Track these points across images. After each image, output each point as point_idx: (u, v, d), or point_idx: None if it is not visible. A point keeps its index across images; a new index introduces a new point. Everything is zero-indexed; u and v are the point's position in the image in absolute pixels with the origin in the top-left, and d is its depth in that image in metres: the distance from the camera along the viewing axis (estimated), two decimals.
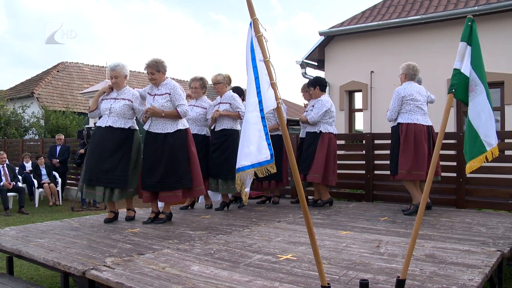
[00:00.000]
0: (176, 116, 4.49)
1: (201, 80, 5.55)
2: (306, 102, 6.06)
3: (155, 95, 4.54)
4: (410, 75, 5.08)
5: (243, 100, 5.75)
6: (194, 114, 5.38)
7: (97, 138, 4.55)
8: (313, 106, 5.60)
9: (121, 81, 4.62)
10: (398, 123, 5.00)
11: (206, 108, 5.49)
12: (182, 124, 4.59)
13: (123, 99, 4.58)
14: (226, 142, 5.32)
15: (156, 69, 4.50)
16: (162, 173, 4.39)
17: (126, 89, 4.67)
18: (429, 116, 5.11)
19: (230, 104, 5.36)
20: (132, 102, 4.59)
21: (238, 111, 5.32)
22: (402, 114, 4.99)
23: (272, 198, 6.20)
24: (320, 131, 5.50)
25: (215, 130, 5.43)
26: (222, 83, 5.43)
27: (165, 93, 4.50)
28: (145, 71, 4.63)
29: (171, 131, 4.47)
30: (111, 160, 4.43)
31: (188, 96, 5.51)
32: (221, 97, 5.46)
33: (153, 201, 4.59)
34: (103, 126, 4.51)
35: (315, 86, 5.65)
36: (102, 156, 4.43)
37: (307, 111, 5.73)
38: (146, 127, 4.58)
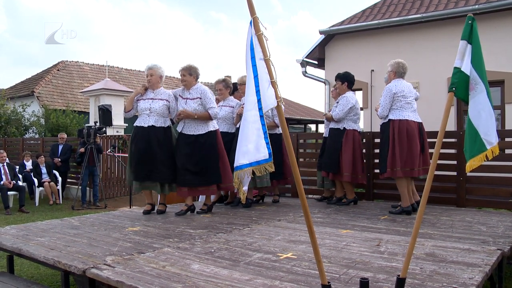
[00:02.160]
0: (207, 117, 4.83)
1: (224, 81, 5.84)
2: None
3: (187, 98, 4.87)
4: (400, 72, 5.06)
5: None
6: (223, 114, 5.65)
7: (141, 137, 4.80)
8: (337, 102, 5.57)
9: (157, 81, 4.89)
10: (389, 120, 4.94)
11: (233, 107, 5.68)
12: (213, 126, 4.96)
13: (161, 99, 4.87)
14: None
15: (188, 72, 4.85)
16: (196, 170, 4.77)
17: (161, 89, 4.96)
18: (429, 115, 5.11)
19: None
20: (169, 102, 4.91)
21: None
22: (393, 111, 4.95)
23: (273, 197, 6.18)
24: (344, 128, 5.47)
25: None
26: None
27: (197, 98, 4.83)
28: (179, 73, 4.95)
29: (202, 133, 4.84)
30: (160, 157, 4.77)
31: (216, 100, 5.60)
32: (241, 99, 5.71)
33: (188, 195, 4.95)
34: (146, 126, 4.79)
35: (344, 81, 5.59)
36: (151, 153, 4.75)
37: (329, 110, 5.74)
38: (179, 128, 4.93)
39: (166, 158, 4.84)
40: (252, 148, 2.25)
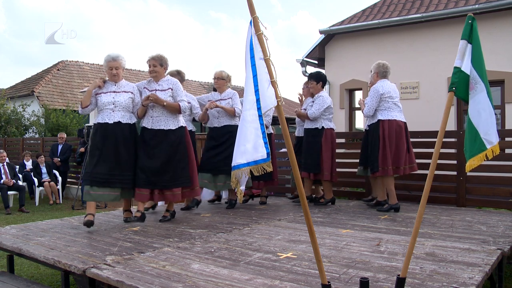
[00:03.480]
0: (177, 109, 4.39)
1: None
2: (299, 97, 6.03)
3: (155, 90, 4.41)
4: (382, 72, 5.23)
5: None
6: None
7: (105, 135, 4.22)
8: (313, 101, 5.59)
9: (121, 73, 4.38)
10: (379, 120, 5.06)
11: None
12: (182, 121, 4.53)
13: (125, 91, 4.35)
14: (232, 138, 5.19)
15: (159, 63, 4.43)
16: (164, 170, 4.30)
17: (123, 81, 4.44)
18: (430, 114, 5.13)
19: (231, 99, 5.40)
20: (134, 94, 4.40)
21: (235, 108, 5.32)
22: (382, 111, 5.07)
23: (260, 198, 6.07)
24: (322, 127, 5.49)
25: (217, 126, 5.40)
26: (225, 80, 5.48)
27: (168, 88, 4.42)
28: (148, 63, 4.48)
29: (173, 128, 4.40)
30: (124, 158, 4.25)
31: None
32: (220, 93, 5.48)
33: (150, 200, 4.47)
34: (111, 122, 4.24)
35: (319, 81, 5.63)
36: (116, 154, 4.22)
37: (304, 109, 5.70)
38: (145, 123, 4.42)
39: (130, 160, 4.30)
40: (250, 148, 2.25)
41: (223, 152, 5.22)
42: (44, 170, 9.96)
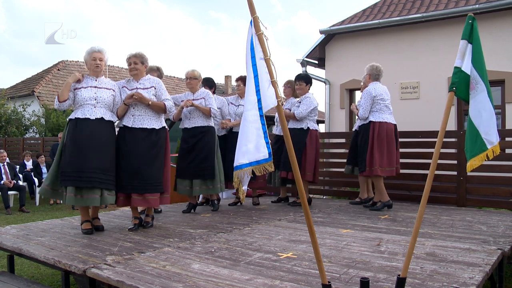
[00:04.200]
0: (162, 109, 4.18)
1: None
2: (284, 97, 5.98)
3: (136, 89, 4.16)
4: (374, 75, 5.37)
5: (214, 92, 5.74)
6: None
7: (87, 132, 3.85)
8: (299, 102, 5.60)
9: (103, 66, 4.10)
10: (370, 122, 5.20)
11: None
12: (164, 122, 4.31)
13: (107, 88, 4.06)
14: (203, 140, 5.10)
15: (140, 60, 4.20)
16: (147, 174, 4.01)
17: (104, 78, 4.15)
18: (430, 114, 5.15)
19: (204, 99, 5.18)
20: (115, 92, 4.12)
21: (210, 108, 5.11)
22: (373, 113, 5.22)
23: (252, 199, 5.98)
24: (308, 127, 5.50)
25: (187, 127, 5.18)
26: (198, 79, 5.30)
27: (150, 87, 4.19)
28: (128, 61, 4.24)
29: (157, 128, 4.16)
30: (106, 158, 3.92)
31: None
32: (193, 93, 5.27)
33: (135, 205, 4.13)
34: (93, 118, 3.89)
35: (308, 83, 5.64)
36: (99, 153, 3.86)
37: (288, 108, 5.64)
38: (125, 122, 4.13)
39: (111, 160, 3.98)
40: (252, 148, 2.25)
41: (196, 157, 5.05)
42: (44, 170, 9.96)
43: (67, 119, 4.04)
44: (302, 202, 2.21)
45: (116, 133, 4.16)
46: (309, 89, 5.66)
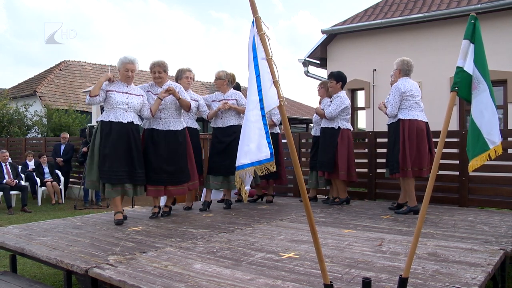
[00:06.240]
0: (187, 107, 4.80)
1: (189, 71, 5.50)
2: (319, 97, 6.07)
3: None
4: (405, 70, 5.02)
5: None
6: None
7: (120, 134, 4.38)
8: (331, 101, 5.57)
9: (133, 77, 4.65)
10: (399, 119, 4.89)
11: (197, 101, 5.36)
12: (183, 123, 4.93)
13: (136, 95, 4.60)
14: (238, 138, 5.23)
15: (163, 69, 4.78)
16: (174, 169, 4.68)
17: (132, 85, 4.67)
18: (432, 114, 5.11)
19: (237, 100, 5.39)
20: (144, 97, 4.69)
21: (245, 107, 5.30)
22: (402, 110, 4.90)
23: (266, 197, 6.09)
24: (339, 127, 5.47)
25: (221, 127, 5.39)
26: (223, 79, 5.42)
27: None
28: (152, 70, 4.82)
29: (180, 129, 4.80)
30: (137, 157, 4.50)
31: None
32: (224, 93, 5.46)
33: (163, 195, 4.84)
34: (125, 121, 4.44)
35: (338, 81, 5.59)
36: (130, 153, 4.44)
37: (322, 108, 5.68)
38: (154, 125, 4.73)
39: (141, 158, 4.57)
40: (253, 148, 2.25)
41: (232, 154, 5.10)
42: (46, 170, 9.98)
43: (99, 120, 4.50)
44: (304, 202, 2.21)
45: (141, 134, 4.75)
46: (341, 87, 5.61)
